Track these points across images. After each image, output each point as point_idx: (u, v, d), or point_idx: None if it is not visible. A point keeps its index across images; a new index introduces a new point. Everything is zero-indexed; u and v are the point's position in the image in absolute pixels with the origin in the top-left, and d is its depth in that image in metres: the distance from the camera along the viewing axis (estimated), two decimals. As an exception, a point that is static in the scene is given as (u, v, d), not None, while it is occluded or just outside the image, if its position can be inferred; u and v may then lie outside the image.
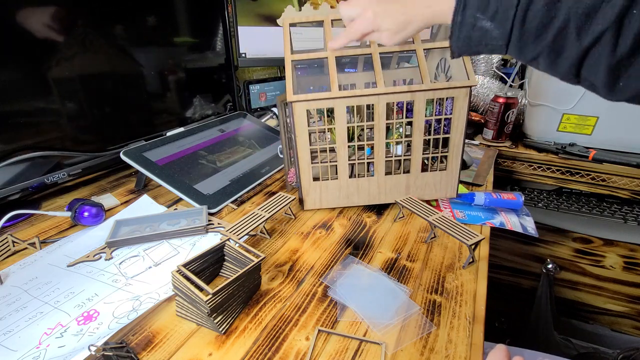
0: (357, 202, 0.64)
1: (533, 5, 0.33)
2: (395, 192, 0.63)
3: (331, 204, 0.64)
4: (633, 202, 0.96)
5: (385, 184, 0.63)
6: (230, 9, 0.95)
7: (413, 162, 0.61)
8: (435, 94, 0.56)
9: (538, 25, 0.33)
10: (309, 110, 0.56)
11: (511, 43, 0.35)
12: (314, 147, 0.59)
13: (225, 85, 1.02)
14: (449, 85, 0.55)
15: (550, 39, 0.33)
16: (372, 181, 0.62)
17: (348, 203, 0.64)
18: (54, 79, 0.61)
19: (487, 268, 0.50)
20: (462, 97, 0.56)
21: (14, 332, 0.38)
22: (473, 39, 0.37)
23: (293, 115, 0.56)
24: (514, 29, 0.34)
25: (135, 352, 0.36)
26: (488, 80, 1.15)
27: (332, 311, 0.42)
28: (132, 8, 0.71)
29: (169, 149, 0.73)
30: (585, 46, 0.31)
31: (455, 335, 0.39)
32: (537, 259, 1.01)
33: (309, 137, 0.58)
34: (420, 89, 0.55)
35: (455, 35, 0.38)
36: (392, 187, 0.63)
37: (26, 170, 0.60)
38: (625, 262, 0.92)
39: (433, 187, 0.64)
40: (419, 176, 0.63)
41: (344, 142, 0.59)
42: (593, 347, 0.92)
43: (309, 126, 0.57)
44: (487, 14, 0.35)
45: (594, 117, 0.92)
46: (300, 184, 0.61)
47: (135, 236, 0.53)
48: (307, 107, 0.56)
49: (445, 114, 0.58)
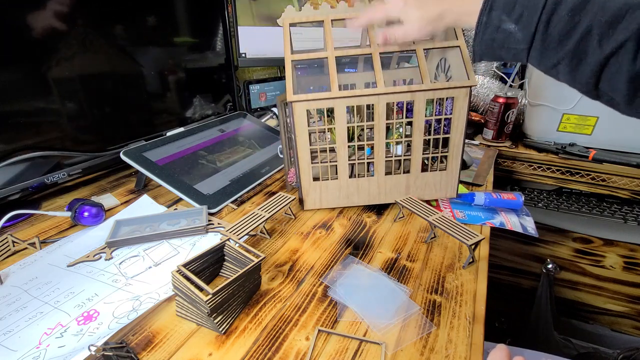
0: (357, 202, 0.64)
1: (558, 10, 0.33)
2: (395, 192, 0.63)
3: (331, 204, 0.64)
4: (633, 202, 0.96)
5: (385, 184, 0.63)
6: (230, 9, 0.95)
7: (413, 162, 0.61)
8: (435, 94, 0.56)
9: (561, 30, 0.33)
10: (309, 110, 0.56)
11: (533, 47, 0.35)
12: (314, 147, 0.59)
13: (225, 85, 1.02)
14: (449, 85, 0.55)
15: (572, 46, 0.33)
16: (372, 181, 0.62)
17: (348, 203, 0.64)
18: (54, 79, 0.61)
19: (487, 268, 0.50)
20: (462, 97, 0.56)
21: (14, 332, 0.38)
22: (496, 41, 0.37)
23: (293, 115, 0.56)
24: (537, 33, 0.35)
25: (135, 352, 0.36)
26: (488, 80, 1.15)
27: (332, 311, 0.42)
28: (132, 8, 0.71)
29: (169, 149, 0.73)
30: (606, 54, 0.31)
31: (455, 335, 0.39)
32: (537, 259, 1.01)
33: (309, 137, 0.58)
34: (420, 89, 0.55)
35: (479, 37, 0.38)
36: (392, 187, 0.63)
37: (26, 170, 0.60)
38: (625, 262, 0.92)
39: (433, 187, 0.64)
40: (419, 176, 0.63)
41: (344, 142, 0.59)
42: (593, 347, 0.92)
43: (309, 126, 0.57)
44: (512, 17, 0.35)
45: (594, 117, 0.92)
46: (300, 184, 0.61)
47: (135, 236, 0.53)
48: (307, 107, 0.56)
49: (445, 114, 0.58)
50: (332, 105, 0.56)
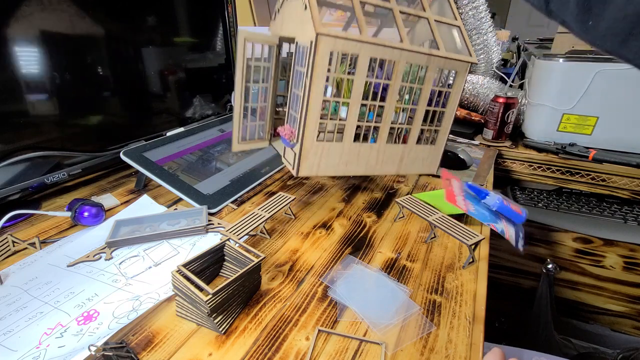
0: (354, 171, 0.59)
1: None
2: (390, 164, 0.60)
3: (329, 171, 0.56)
4: (633, 202, 0.96)
5: (384, 153, 0.59)
6: (230, 9, 0.95)
7: (412, 132, 0.59)
8: (446, 64, 0.54)
9: None
10: (332, 52, 0.47)
11: None
12: (326, 99, 0.51)
13: (225, 85, 1.02)
14: (459, 57, 0.54)
15: None
16: (373, 149, 0.58)
17: (346, 171, 0.58)
18: (53, 78, 0.61)
19: (487, 268, 0.50)
20: (463, 73, 0.56)
21: (14, 332, 0.38)
22: None
23: (315, 54, 0.46)
24: None
25: (135, 352, 0.36)
26: (488, 80, 1.15)
27: (332, 311, 0.42)
28: (132, 8, 0.71)
29: (169, 149, 0.73)
30: None
31: (455, 335, 0.39)
32: (537, 259, 1.01)
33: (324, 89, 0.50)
34: (438, 54, 0.53)
35: None
36: (388, 158, 0.60)
37: (26, 170, 0.60)
38: (625, 262, 0.92)
39: (421, 162, 0.63)
40: (413, 149, 0.61)
41: (359, 98, 0.51)
42: (593, 347, 0.92)
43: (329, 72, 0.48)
44: None
45: (594, 117, 0.92)
46: (302, 143, 0.51)
47: (135, 236, 0.53)
48: (333, 48, 0.47)
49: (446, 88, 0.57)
50: (358, 52, 0.48)
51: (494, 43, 1.18)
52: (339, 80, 0.53)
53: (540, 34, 1.49)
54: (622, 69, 0.85)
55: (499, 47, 1.20)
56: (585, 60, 0.89)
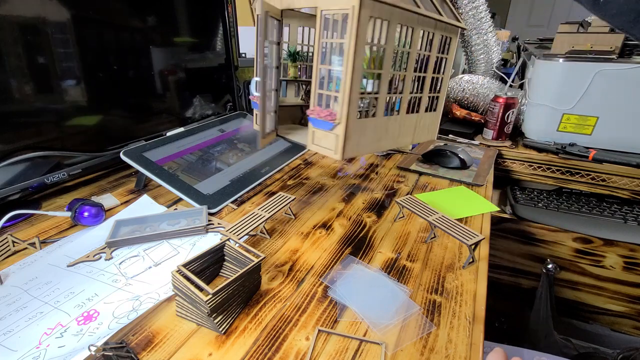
0: (384, 147, 0.57)
1: None
2: (407, 134, 0.59)
3: (367, 149, 0.54)
4: (633, 202, 0.96)
5: (404, 124, 0.58)
6: (230, 9, 0.95)
7: (424, 100, 0.59)
8: (446, 29, 0.55)
9: None
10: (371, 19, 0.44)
11: None
12: (367, 71, 0.48)
13: (225, 85, 1.02)
14: (455, 23, 0.55)
15: None
16: (396, 121, 0.56)
17: (378, 148, 0.56)
18: (54, 78, 0.61)
19: (487, 268, 0.50)
20: (454, 39, 0.57)
21: (14, 332, 0.38)
22: None
23: (357, 23, 0.41)
24: None
25: (135, 352, 0.36)
26: (488, 80, 1.15)
27: (332, 311, 0.42)
28: (131, 8, 0.71)
29: (169, 149, 0.73)
30: None
31: (455, 335, 0.39)
32: (537, 259, 1.01)
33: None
34: (443, 19, 0.52)
35: None
36: (407, 129, 0.59)
37: (26, 170, 0.60)
38: (625, 262, 0.92)
39: (427, 129, 0.63)
40: (423, 117, 0.61)
41: (388, 69, 0.49)
42: (593, 347, 0.92)
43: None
44: None
45: (594, 117, 0.92)
46: (346, 122, 0.47)
47: (135, 236, 0.53)
48: (371, 14, 0.43)
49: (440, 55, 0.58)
50: (389, 18, 0.45)
51: (494, 43, 1.18)
52: (374, 51, 0.49)
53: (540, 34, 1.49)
54: (622, 69, 0.85)
55: (499, 47, 1.21)
56: (585, 60, 0.89)
